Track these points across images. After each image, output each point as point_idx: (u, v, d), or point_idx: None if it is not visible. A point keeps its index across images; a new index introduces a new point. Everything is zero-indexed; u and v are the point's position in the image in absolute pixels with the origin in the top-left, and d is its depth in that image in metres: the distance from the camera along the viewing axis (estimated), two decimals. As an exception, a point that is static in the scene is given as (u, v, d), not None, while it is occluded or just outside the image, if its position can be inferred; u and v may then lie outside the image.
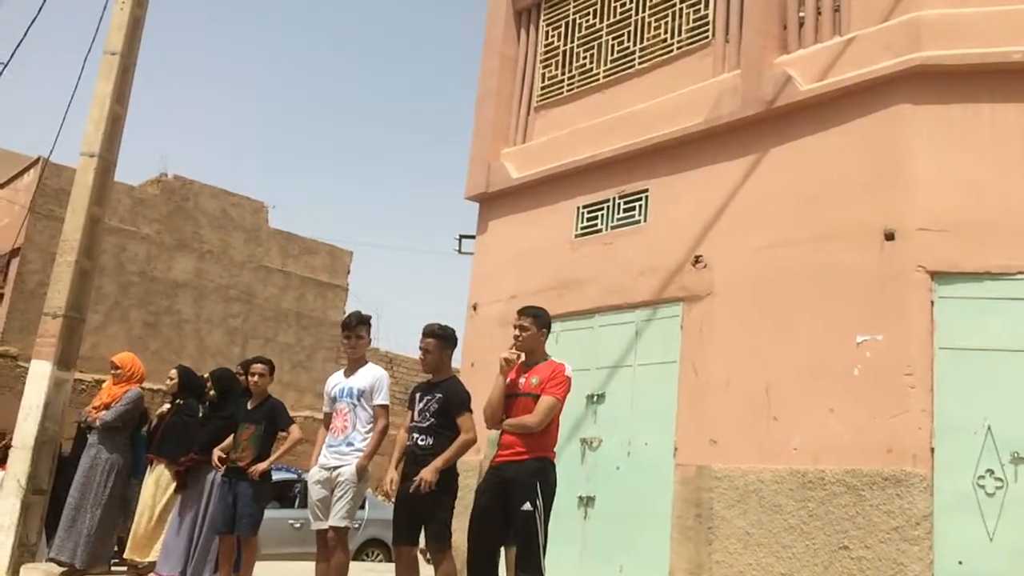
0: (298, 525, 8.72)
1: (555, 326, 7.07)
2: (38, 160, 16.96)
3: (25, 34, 9.91)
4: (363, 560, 9.21)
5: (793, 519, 5.28)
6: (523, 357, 4.34)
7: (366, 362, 4.93)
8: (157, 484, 5.70)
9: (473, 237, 8.17)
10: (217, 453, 5.21)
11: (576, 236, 7.17)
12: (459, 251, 8.56)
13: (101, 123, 6.21)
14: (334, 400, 4.87)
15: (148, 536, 5.59)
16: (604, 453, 6.44)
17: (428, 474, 4.09)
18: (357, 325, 4.87)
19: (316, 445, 4.88)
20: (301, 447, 5.66)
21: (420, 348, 4.56)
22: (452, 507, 4.27)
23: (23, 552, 5.70)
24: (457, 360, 6.68)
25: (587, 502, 6.37)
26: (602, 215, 7.02)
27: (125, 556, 5.72)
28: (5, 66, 9.24)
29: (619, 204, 6.91)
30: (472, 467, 6.59)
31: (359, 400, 4.71)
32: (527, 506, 3.88)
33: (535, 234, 7.50)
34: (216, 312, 18.61)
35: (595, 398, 6.57)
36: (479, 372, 7.16)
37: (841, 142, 5.63)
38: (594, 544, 6.27)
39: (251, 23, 51.51)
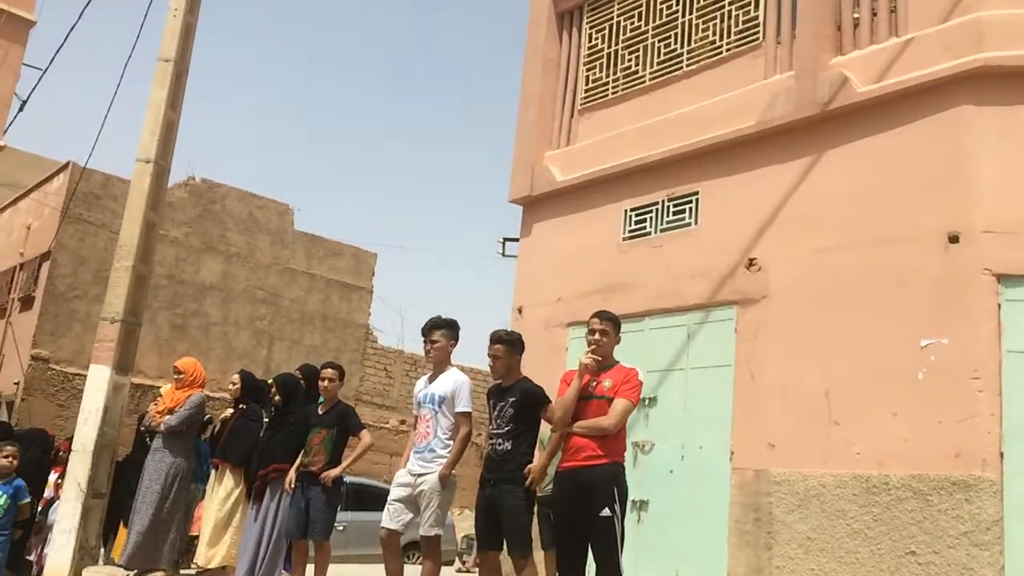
0: (341, 528, 8.74)
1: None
2: (67, 164, 17.09)
3: (64, 42, 10.00)
4: (405, 562, 9.20)
5: (857, 524, 5.24)
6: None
7: (449, 367, 4.92)
8: (224, 489, 5.72)
9: (516, 240, 8.17)
10: (292, 475, 5.25)
11: (624, 239, 7.15)
12: (503, 254, 8.57)
13: (156, 129, 6.25)
14: (419, 405, 4.89)
15: (215, 540, 5.62)
16: (657, 457, 6.42)
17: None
18: (430, 330, 4.87)
19: (406, 447, 4.92)
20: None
21: (489, 355, 4.56)
22: (533, 513, 4.25)
23: (83, 555, 5.75)
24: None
25: (640, 506, 6.35)
26: (651, 218, 7.00)
27: (195, 560, 5.75)
28: (44, 72, 9.33)
29: (668, 207, 6.89)
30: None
31: (440, 407, 4.72)
32: (606, 511, 3.87)
33: (581, 237, 7.49)
34: (243, 314, 18.69)
35: (646, 401, 6.54)
36: (525, 373, 7.17)
37: (901, 144, 5.59)
38: (648, 548, 6.25)
39: (277, 27, 51.80)
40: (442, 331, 4.89)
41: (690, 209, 6.72)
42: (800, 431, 5.64)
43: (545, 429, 4.76)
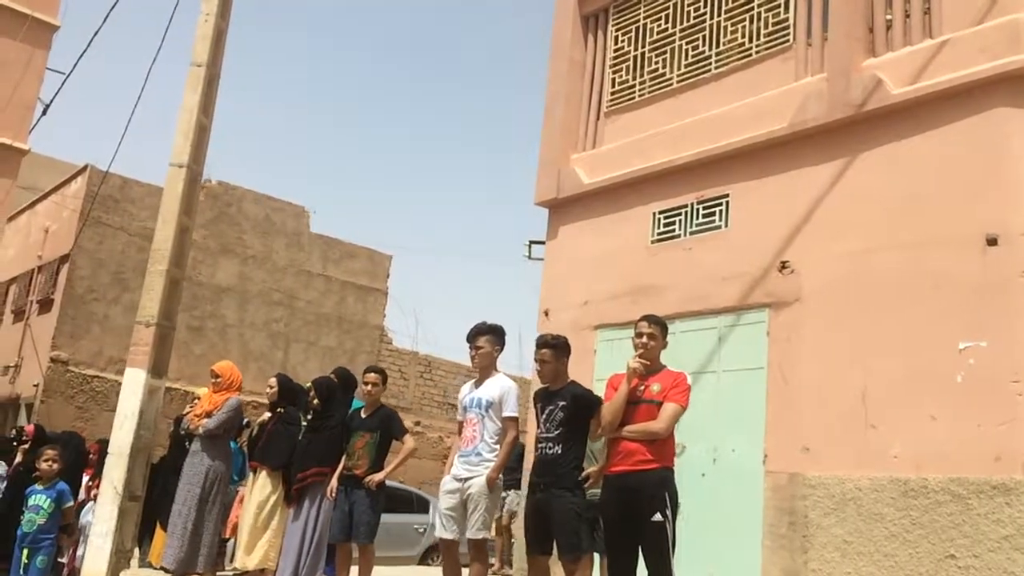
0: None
1: (632, 332, 7.14)
2: (86, 167, 17.19)
3: (87, 48, 10.06)
4: (428, 564, 9.23)
5: (895, 527, 5.23)
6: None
7: (495, 372, 4.94)
8: (262, 492, 5.74)
9: (543, 242, 8.17)
10: (334, 483, 5.29)
11: (652, 241, 7.15)
12: (529, 257, 8.57)
13: (189, 134, 6.28)
14: (465, 409, 4.90)
15: (252, 543, 5.64)
16: (688, 460, 6.39)
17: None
18: (475, 336, 4.90)
19: (450, 453, 4.93)
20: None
21: (536, 360, 4.57)
22: (586, 517, 4.25)
23: (120, 558, 5.78)
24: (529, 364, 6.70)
25: (672, 509, 6.33)
26: (680, 220, 7.00)
27: (230, 563, 5.78)
28: (67, 77, 9.39)
29: (698, 209, 6.88)
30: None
31: (487, 411, 4.73)
32: (657, 516, 3.87)
33: (608, 240, 7.49)
34: (259, 316, 18.75)
35: (678, 404, 6.53)
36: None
37: (936, 146, 5.57)
38: (681, 551, 6.17)
39: (291, 30, 51.94)
40: (486, 337, 4.92)
41: (720, 211, 6.71)
42: (836, 434, 5.62)
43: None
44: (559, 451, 4.26)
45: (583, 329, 7.46)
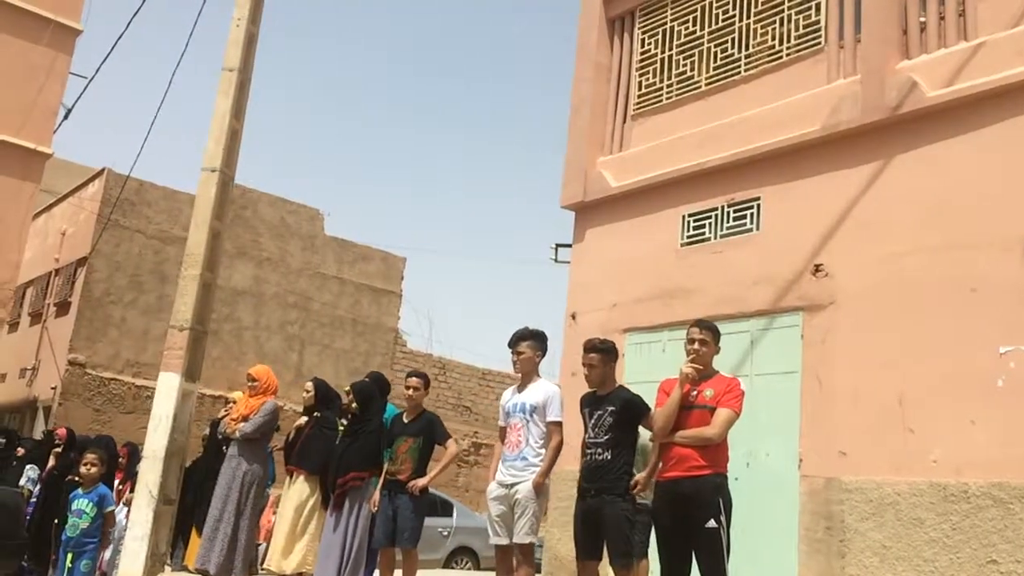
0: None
1: (662, 335, 7.14)
2: (103, 171, 17.27)
3: (109, 52, 10.11)
4: (452, 567, 9.24)
5: (935, 532, 5.20)
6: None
7: (537, 378, 4.94)
8: (299, 496, 5.74)
9: (570, 246, 8.17)
10: (376, 496, 5.31)
11: (682, 245, 7.13)
12: (555, 260, 8.57)
13: (221, 138, 6.30)
14: (508, 414, 4.90)
15: (289, 547, 5.64)
16: (721, 464, 6.38)
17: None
18: (517, 341, 4.90)
19: (493, 459, 4.93)
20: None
21: (584, 364, 4.55)
22: (636, 521, 4.23)
23: (155, 562, 5.79)
24: (551, 369, 6.69)
25: (705, 513, 6.31)
26: (710, 223, 6.98)
27: (264, 565, 5.78)
28: (90, 81, 9.44)
29: (728, 212, 6.87)
30: (565, 476, 6.52)
31: (531, 416, 4.73)
32: (711, 523, 3.86)
33: (636, 243, 7.48)
34: (274, 319, 18.80)
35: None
36: (580, 381, 7.12)
37: (973, 149, 5.54)
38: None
39: (305, 33, 52.04)
40: (528, 342, 4.92)
41: (751, 214, 6.69)
42: (872, 438, 5.60)
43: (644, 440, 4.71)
44: (608, 457, 4.25)
45: (611, 332, 7.41)
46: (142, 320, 17.01)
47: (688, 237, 7.11)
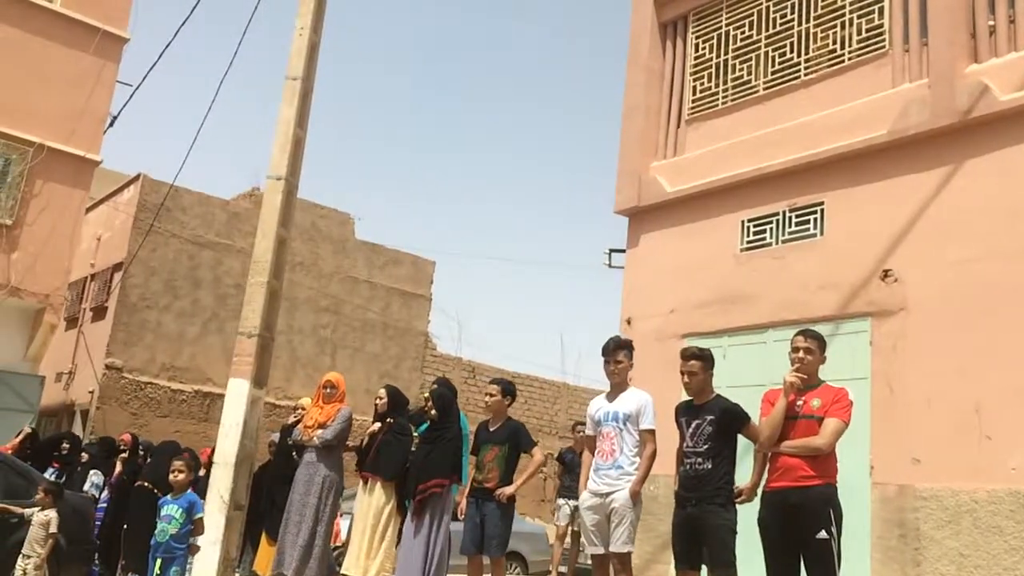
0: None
1: (722, 341, 7.09)
2: (139, 176, 17.41)
3: (156, 61, 10.19)
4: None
5: (1015, 540, 5.15)
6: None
7: (628, 387, 4.94)
8: (376, 502, 5.75)
9: (624, 251, 8.16)
10: (463, 503, 5.33)
11: (742, 250, 7.11)
12: (609, 265, 8.56)
13: (286, 147, 6.33)
14: (598, 423, 4.88)
15: (368, 553, 5.65)
16: (787, 470, 6.34)
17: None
18: (615, 350, 4.89)
19: (583, 468, 4.92)
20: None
21: (683, 372, 4.51)
22: (736, 529, 4.20)
23: (226, 567, 5.82)
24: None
25: (771, 520, 6.27)
26: (771, 228, 6.95)
27: (344, 571, 5.79)
28: (136, 88, 9.51)
29: (790, 217, 6.83)
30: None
31: (625, 424, 4.72)
32: (822, 534, 3.83)
33: (694, 248, 7.46)
34: (307, 323, 18.87)
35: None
36: (636, 385, 7.14)
37: (1049, 153, 5.50)
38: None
39: (339, 38, 52.01)
40: (625, 351, 4.92)
41: (815, 219, 6.66)
42: (947, 446, 5.55)
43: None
44: (709, 466, 4.22)
45: (668, 338, 7.42)
46: (176, 324, 17.13)
47: (748, 242, 7.08)
